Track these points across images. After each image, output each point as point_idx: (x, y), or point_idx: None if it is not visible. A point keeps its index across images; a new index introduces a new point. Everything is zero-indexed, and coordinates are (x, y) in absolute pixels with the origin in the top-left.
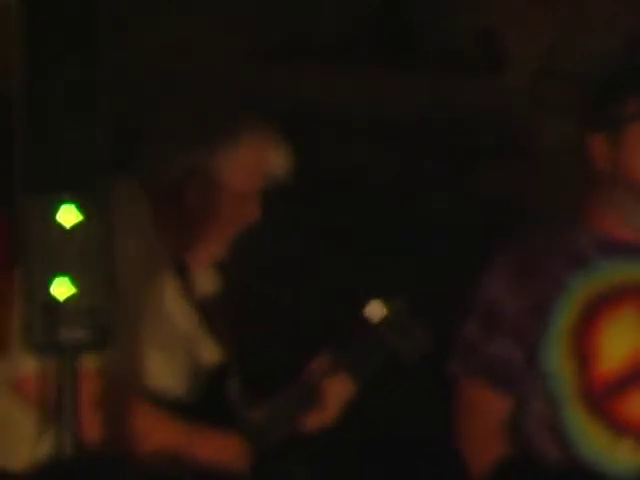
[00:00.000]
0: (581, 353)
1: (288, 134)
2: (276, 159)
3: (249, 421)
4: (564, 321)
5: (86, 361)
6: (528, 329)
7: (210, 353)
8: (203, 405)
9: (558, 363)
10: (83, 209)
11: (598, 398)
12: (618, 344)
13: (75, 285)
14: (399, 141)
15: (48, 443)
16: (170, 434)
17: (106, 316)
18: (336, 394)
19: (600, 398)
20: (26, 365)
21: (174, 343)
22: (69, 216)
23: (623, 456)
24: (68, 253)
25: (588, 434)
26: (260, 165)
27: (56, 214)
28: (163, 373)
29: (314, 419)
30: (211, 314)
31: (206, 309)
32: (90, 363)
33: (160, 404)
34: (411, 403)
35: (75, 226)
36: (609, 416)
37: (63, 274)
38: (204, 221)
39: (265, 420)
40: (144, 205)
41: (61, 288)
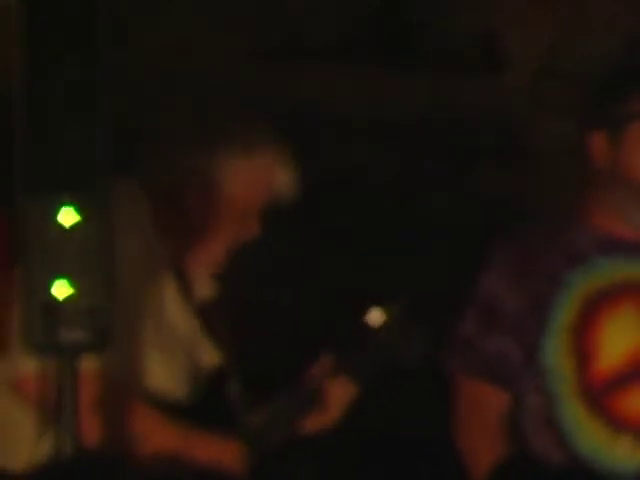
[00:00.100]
0: (580, 350)
1: (288, 134)
2: (283, 180)
3: (248, 425)
4: (564, 318)
5: (86, 362)
6: (527, 327)
7: (210, 356)
8: (203, 408)
9: (557, 360)
10: (83, 209)
11: (597, 395)
12: (617, 341)
13: (75, 285)
14: (399, 141)
15: (48, 443)
16: (168, 437)
17: (106, 317)
18: (337, 397)
19: (599, 395)
20: (26, 365)
21: (174, 345)
22: (69, 216)
23: (622, 453)
24: (68, 253)
25: (587, 431)
26: (266, 184)
27: (56, 214)
28: (163, 375)
29: (314, 422)
30: (210, 316)
31: (205, 311)
32: (90, 364)
33: (159, 406)
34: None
35: (75, 226)
36: (608, 413)
37: (63, 274)
38: (203, 224)
39: (264, 424)
40: (144, 205)
41: (61, 288)
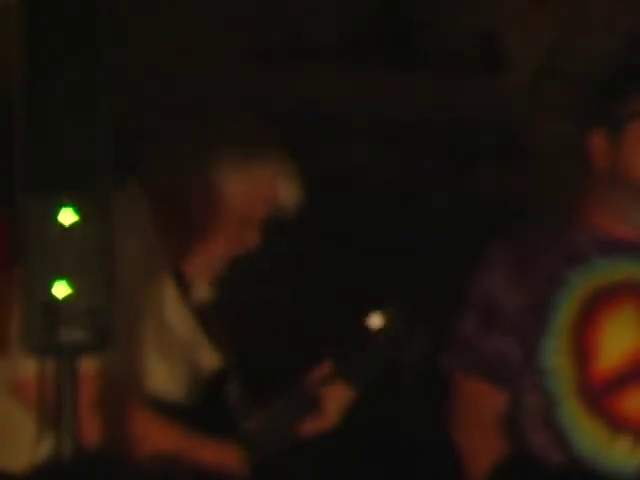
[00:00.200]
0: (580, 350)
1: (288, 134)
2: (285, 193)
3: (246, 431)
4: (564, 318)
5: (85, 362)
6: (527, 327)
7: (209, 358)
8: (202, 411)
9: (557, 360)
10: (83, 209)
11: (596, 395)
12: (617, 341)
13: (74, 285)
14: (399, 141)
15: (47, 444)
16: (167, 439)
17: (106, 317)
18: (335, 400)
19: (598, 395)
20: (26, 366)
21: (173, 346)
22: (69, 216)
23: (621, 453)
24: (68, 253)
25: (586, 431)
26: (266, 196)
27: (56, 214)
28: (162, 376)
29: (312, 427)
30: (209, 319)
31: (204, 314)
32: (89, 364)
33: (159, 408)
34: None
35: (75, 226)
36: (607, 413)
37: (63, 274)
38: (203, 225)
39: (263, 429)
40: (144, 205)
41: (61, 288)
